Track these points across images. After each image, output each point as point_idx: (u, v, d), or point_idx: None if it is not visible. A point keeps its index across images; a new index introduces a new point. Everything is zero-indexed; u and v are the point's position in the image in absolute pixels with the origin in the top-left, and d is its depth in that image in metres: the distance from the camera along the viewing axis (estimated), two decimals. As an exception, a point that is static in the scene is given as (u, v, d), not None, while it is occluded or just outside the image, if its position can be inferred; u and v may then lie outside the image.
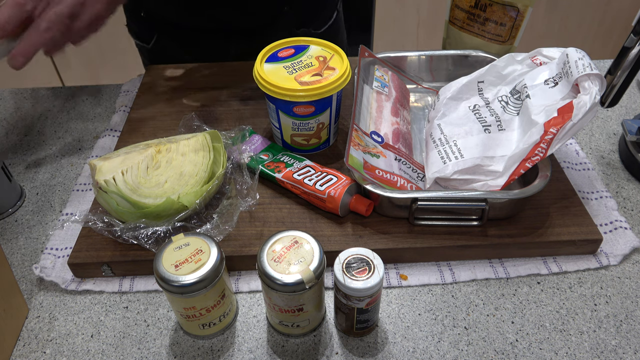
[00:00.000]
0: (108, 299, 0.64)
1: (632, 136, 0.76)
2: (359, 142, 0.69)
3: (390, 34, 1.97)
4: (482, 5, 0.82)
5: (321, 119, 0.74)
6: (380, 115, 0.77)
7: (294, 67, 0.73)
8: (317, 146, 0.78)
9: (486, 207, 0.63)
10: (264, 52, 0.76)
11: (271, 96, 0.71)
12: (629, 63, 0.65)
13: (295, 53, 0.76)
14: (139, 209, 0.62)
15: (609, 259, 0.66)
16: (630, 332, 0.59)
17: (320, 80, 0.70)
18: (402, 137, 0.76)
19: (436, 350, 0.58)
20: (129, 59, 1.92)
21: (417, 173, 0.72)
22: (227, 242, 0.65)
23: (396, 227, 0.66)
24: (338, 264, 0.54)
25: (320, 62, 0.74)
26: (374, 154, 0.69)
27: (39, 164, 0.83)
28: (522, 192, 0.63)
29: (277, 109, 0.73)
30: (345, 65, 0.73)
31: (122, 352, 0.59)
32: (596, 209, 0.71)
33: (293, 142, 0.77)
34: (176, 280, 0.52)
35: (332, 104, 0.73)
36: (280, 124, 0.75)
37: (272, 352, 0.58)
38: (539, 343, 0.58)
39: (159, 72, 0.96)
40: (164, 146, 0.69)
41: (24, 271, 0.67)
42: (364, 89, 0.81)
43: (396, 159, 0.71)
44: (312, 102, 0.71)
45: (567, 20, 1.93)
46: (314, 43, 0.78)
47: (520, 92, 0.72)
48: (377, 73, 0.83)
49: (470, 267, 0.65)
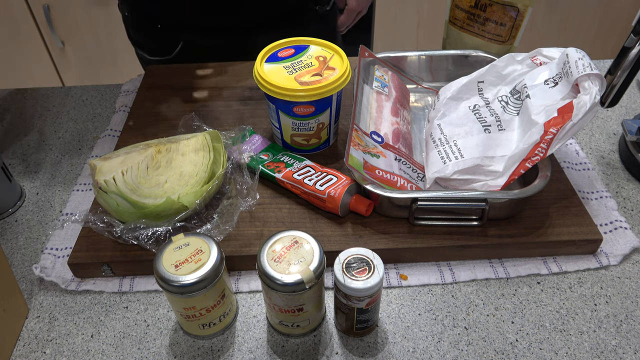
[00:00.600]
0: (108, 299, 0.64)
1: (632, 136, 0.76)
2: (359, 142, 0.69)
3: (390, 34, 1.97)
4: (482, 5, 0.82)
5: (321, 119, 0.74)
6: (380, 115, 0.77)
7: (294, 67, 0.73)
8: (317, 146, 0.78)
9: (486, 207, 0.63)
10: (264, 52, 0.76)
11: (271, 96, 0.71)
12: (629, 63, 0.65)
13: (295, 53, 0.76)
14: (139, 209, 0.62)
15: (609, 259, 0.66)
16: (630, 332, 0.59)
17: (320, 80, 0.70)
18: (402, 137, 0.76)
19: (436, 350, 0.58)
20: (129, 59, 1.92)
21: (417, 173, 0.72)
22: (227, 242, 0.65)
23: (396, 227, 0.66)
24: (338, 264, 0.54)
25: (320, 62, 0.74)
26: (374, 154, 0.69)
27: (39, 164, 0.83)
28: (522, 192, 0.63)
29: (277, 109, 0.73)
30: (345, 65, 0.73)
31: (122, 352, 0.59)
32: (596, 209, 0.71)
33: (293, 142, 0.77)
34: (176, 280, 0.52)
35: (332, 104, 0.73)
36: (280, 124, 0.75)
37: (272, 352, 0.58)
38: (539, 343, 0.58)
39: (159, 72, 0.96)
40: (164, 146, 0.69)
41: (24, 271, 0.67)
42: (364, 89, 0.81)
43: (396, 159, 0.71)
44: (312, 102, 0.71)
45: (567, 20, 1.93)
46: (314, 43, 0.78)
47: (520, 92, 0.72)
48: (377, 73, 0.83)
49: (470, 267, 0.65)
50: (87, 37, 1.84)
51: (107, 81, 1.03)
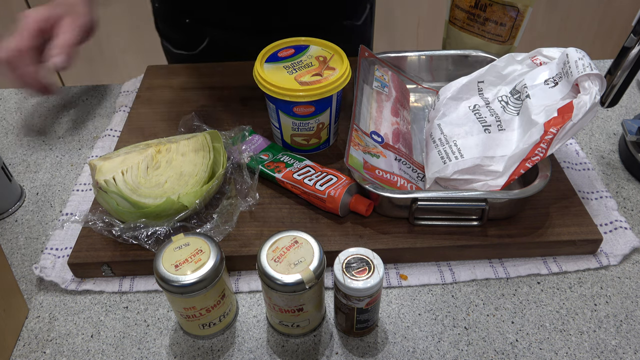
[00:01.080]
0: (108, 299, 0.64)
1: (632, 136, 0.76)
2: (359, 142, 0.69)
3: (390, 34, 1.97)
4: (482, 5, 0.82)
5: (321, 119, 0.74)
6: (380, 115, 0.77)
7: (294, 67, 0.73)
8: (317, 146, 0.78)
9: (486, 207, 0.63)
10: (264, 52, 0.76)
11: (271, 96, 0.71)
12: (629, 63, 0.65)
13: (295, 53, 0.76)
14: (139, 209, 0.62)
15: (609, 259, 0.66)
16: (630, 332, 0.59)
17: (320, 80, 0.70)
18: (402, 137, 0.75)
19: (436, 350, 0.58)
20: (129, 59, 1.92)
21: (417, 173, 0.72)
22: (227, 242, 0.65)
23: (396, 227, 0.66)
24: (338, 264, 0.54)
25: (320, 62, 0.74)
26: (374, 154, 0.69)
27: (39, 164, 0.83)
28: (522, 192, 0.63)
29: (277, 109, 0.73)
30: (345, 66, 0.72)
31: (122, 352, 0.59)
32: (596, 209, 0.71)
33: (293, 142, 0.77)
34: (176, 280, 0.52)
35: (332, 104, 0.73)
36: (280, 124, 0.75)
37: (272, 352, 0.58)
38: (539, 343, 0.58)
39: (159, 72, 0.96)
40: (164, 146, 0.69)
41: (24, 271, 0.67)
42: (364, 89, 0.81)
43: (396, 159, 0.71)
44: (312, 102, 0.70)
45: (567, 20, 1.93)
46: (314, 43, 0.78)
47: (520, 92, 0.72)
48: (377, 73, 0.83)
49: (470, 267, 0.65)
50: (87, 37, 1.84)
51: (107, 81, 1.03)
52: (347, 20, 1.00)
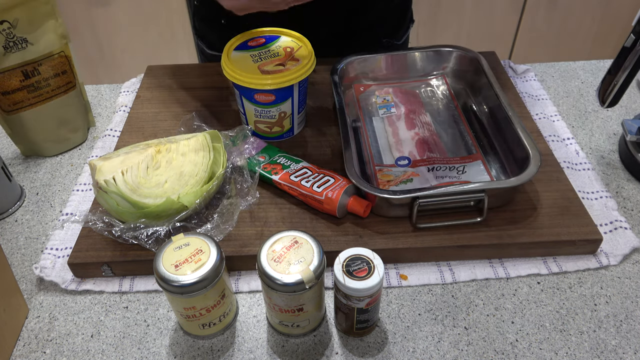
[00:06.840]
0: (108, 299, 0.64)
1: (632, 136, 0.76)
2: (387, 179, 0.69)
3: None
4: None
5: (282, 108, 0.75)
6: (398, 138, 0.77)
7: (259, 56, 0.75)
8: (280, 134, 0.79)
9: (484, 198, 0.63)
10: (234, 39, 0.78)
11: (235, 83, 0.74)
12: (629, 63, 0.65)
13: (265, 43, 0.78)
14: (139, 209, 0.62)
15: (609, 259, 0.66)
16: (630, 332, 0.59)
17: (282, 70, 0.72)
18: (428, 143, 0.75)
19: (436, 350, 0.58)
20: (129, 59, 1.92)
21: (456, 169, 0.72)
22: (227, 242, 0.65)
23: (396, 227, 0.66)
24: (338, 264, 0.54)
25: (287, 53, 0.75)
26: (407, 180, 0.69)
27: (39, 164, 0.83)
28: (518, 179, 0.64)
29: (241, 95, 0.75)
30: (309, 58, 0.74)
31: (122, 352, 0.59)
32: (596, 209, 0.71)
33: (257, 128, 0.79)
34: (176, 280, 0.52)
35: (293, 94, 0.74)
36: (244, 110, 0.78)
37: (272, 352, 0.58)
38: (539, 343, 0.58)
39: (159, 72, 0.96)
40: (164, 146, 0.69)
41: (24, 271, 0.67)
42: (374, 122, 0.81)
43: (429, 170, 0.71)
44: (272, 91, 0.72)
45: (567, 20, 1.93)
46: (286, 34, 0.79)
47: None
48: (377, 100, 0.83)
49: (470, 267, 0.65)
50: (87, 37, 1.84)
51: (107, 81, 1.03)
52: (386, 39, 1.00)
